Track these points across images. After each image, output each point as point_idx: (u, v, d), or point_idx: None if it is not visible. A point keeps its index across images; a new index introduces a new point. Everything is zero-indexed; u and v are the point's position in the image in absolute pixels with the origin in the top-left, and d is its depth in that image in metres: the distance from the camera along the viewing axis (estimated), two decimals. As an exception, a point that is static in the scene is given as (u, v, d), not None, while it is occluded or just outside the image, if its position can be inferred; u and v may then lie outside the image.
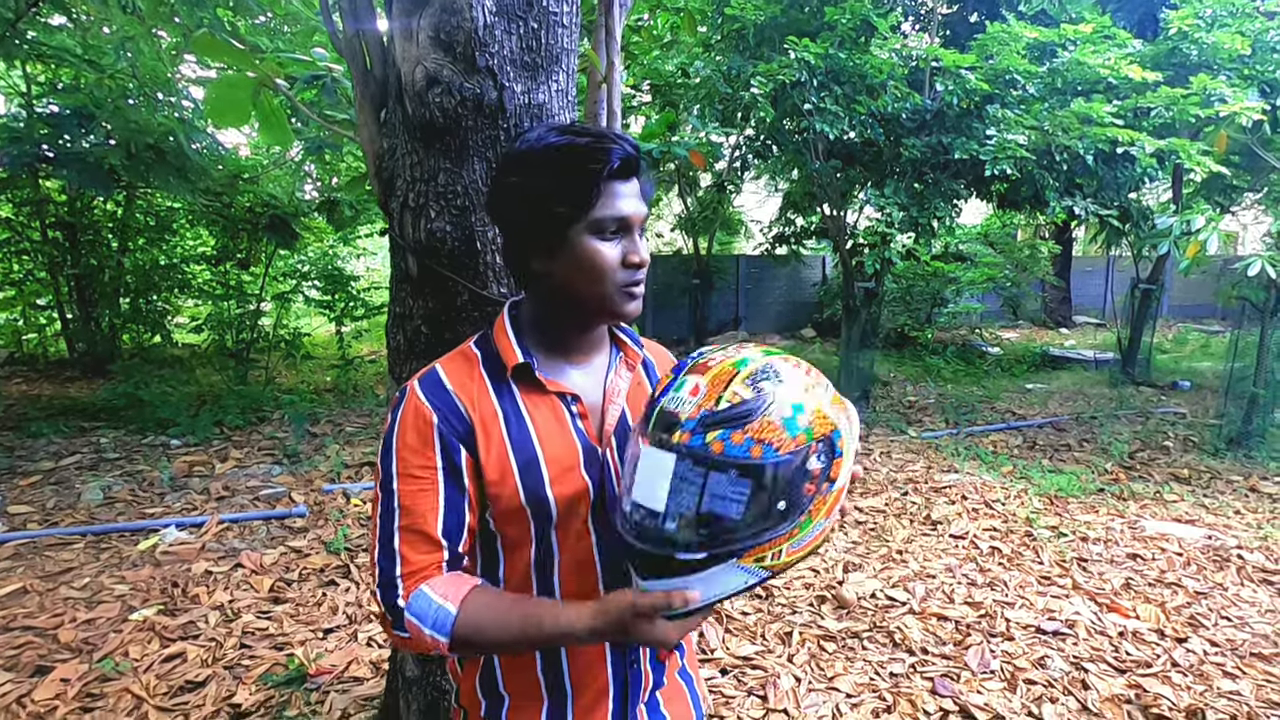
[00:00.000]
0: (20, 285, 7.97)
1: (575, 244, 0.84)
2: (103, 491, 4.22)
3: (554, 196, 0.82)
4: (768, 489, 0.70)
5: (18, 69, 6.72)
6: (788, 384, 0.72)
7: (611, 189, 0.83)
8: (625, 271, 0.85)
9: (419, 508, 0.82)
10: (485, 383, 0.88)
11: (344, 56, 1.20)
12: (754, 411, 0.70)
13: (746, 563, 0.72)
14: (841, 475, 0.75)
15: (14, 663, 2.49)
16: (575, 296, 0.87)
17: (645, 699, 0.94)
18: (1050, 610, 2.98)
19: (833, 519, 0.77)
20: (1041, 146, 4.82)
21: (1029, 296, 11.18)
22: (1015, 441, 5.82)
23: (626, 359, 0.97)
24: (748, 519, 0.70)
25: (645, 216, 0.87)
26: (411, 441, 0.83)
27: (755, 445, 0.69)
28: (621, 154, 0.82)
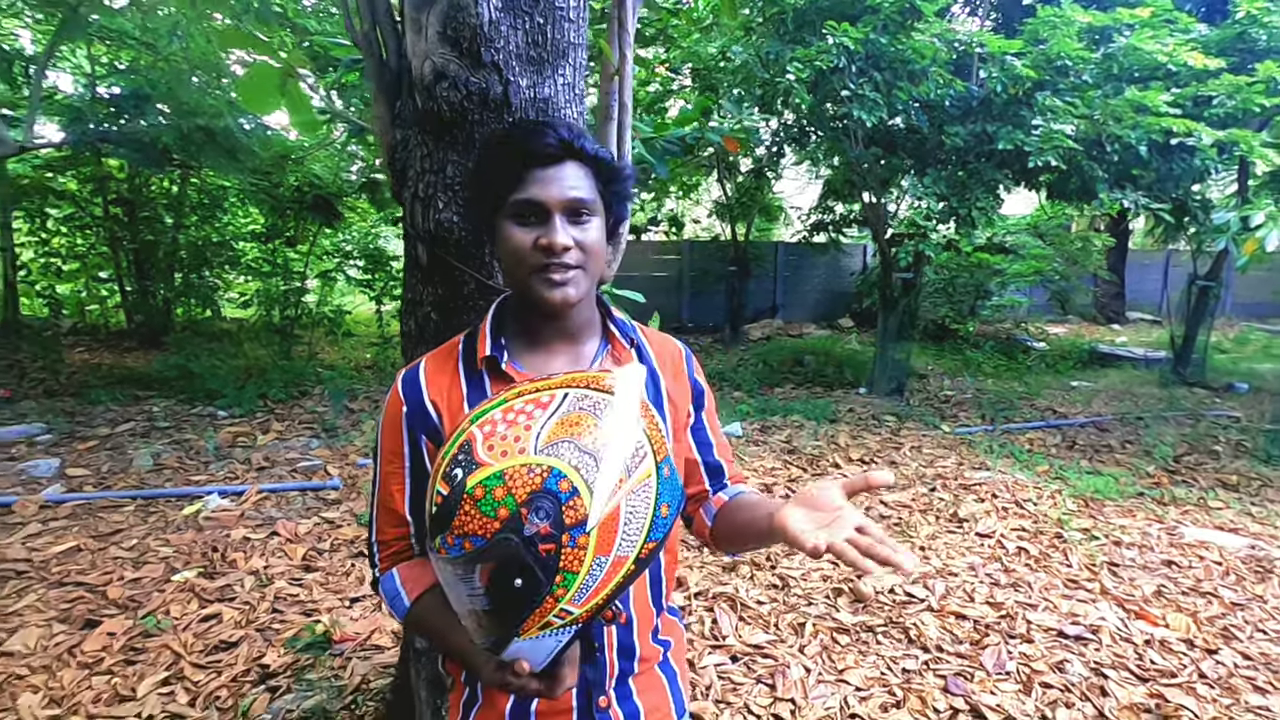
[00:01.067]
0: (84, 258, 8.37)
1: (499, 229, 0.87)
2: (153, 458, 4.44)
3: (482, 183, 0.86)
4: (495, 574, 0.67)
5: (83, 50, 7.01)
6: (480, 459, 0.69)
7: (531, 175, 0.84)
8: (539, 255, 0.85)
9: (390, 488, 0.93)
10: (459, 375, 0.92)
11: (360, 49, 1.24)
12: (451, 508, 0.68)
13: (535, 633, 0.70)
14: (591, 513, 0.68)
15: (67, 615, 2.67)
16: (511, 286, 0.90)
17: (612, 686, 0.95)
18: (1074, 614, 2.92)
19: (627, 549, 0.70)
20: (1091, 136, 4.62)
21: (1079, 290, 10.79)
22: (1053, 440, 5.66)
23: (613, 352, 0.97)
24: (497, 605, 0.68)
25: (570, 200, 0.85)
26: (388, 429, 0.92)
27: (464, 540, 0.67)
28: (540, 141, 0.83)
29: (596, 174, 0.88)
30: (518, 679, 0.72)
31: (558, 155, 0.84)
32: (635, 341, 1.00)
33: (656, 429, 0.76)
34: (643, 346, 1.01)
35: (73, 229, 8.16)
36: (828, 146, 6.28)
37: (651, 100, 7.21)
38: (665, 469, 0.75)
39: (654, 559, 0.74)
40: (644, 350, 1.01)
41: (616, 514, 0.69)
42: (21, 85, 6.28)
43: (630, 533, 0.70)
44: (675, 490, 0.76)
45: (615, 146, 1.41)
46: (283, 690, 2.24)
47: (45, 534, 3.36)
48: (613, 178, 0.90)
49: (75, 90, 7.71)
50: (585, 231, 0.87)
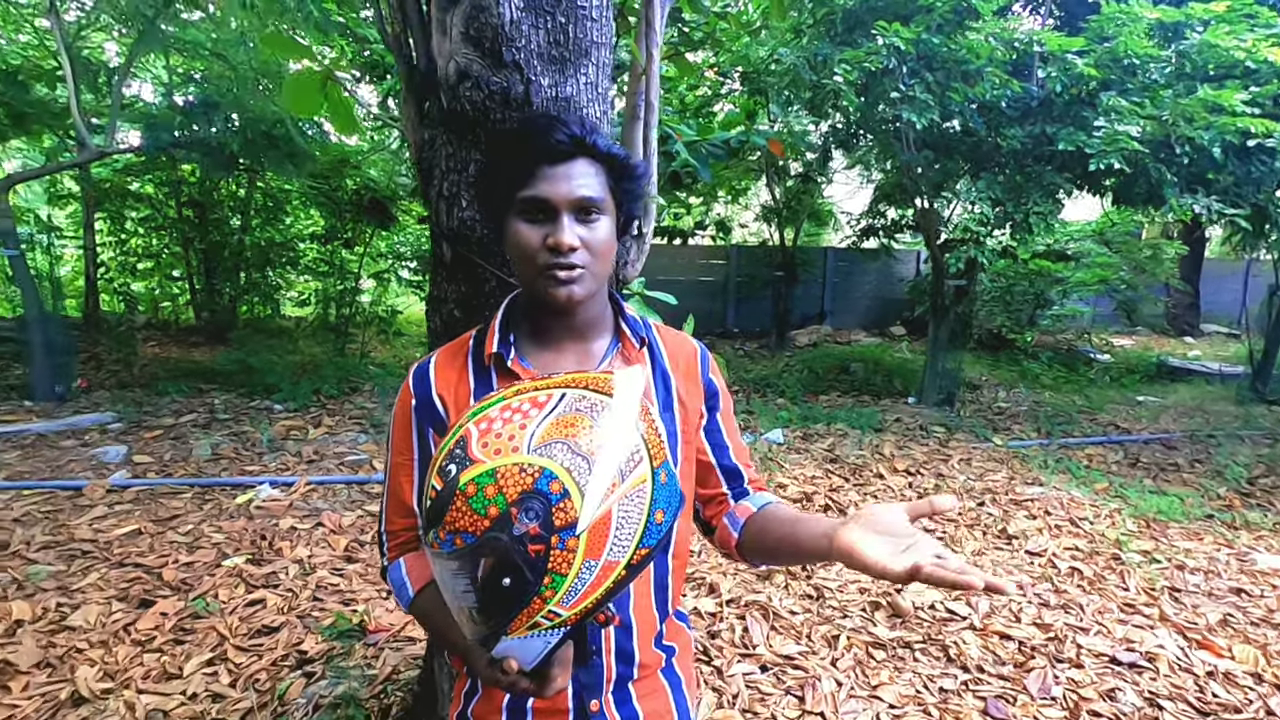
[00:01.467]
0: (158, 258, 8.85)
1: (508, 226, 0.86)
2: (211, 448, 4.65)
3: (493, 179, 0.86)
4: (485, 574, 0.67)
5: (162, 61, 7.42)
6: (474, 456, 0.69)
7: (540, 172, 0.83)
8: (546, 254, 0.84)
9: (399, 479, 0.95)
10: (467, 370, 0.93)
11: (391, 51, 1.27)
12: (443, 503, 0.68)
13: (523, 634, 0.70)
14: (582, 516, 0.67)
15: (125, 594, 2.81)
16: (520, 283, 0.90)
17: (610, 691, 0.94)
18: (1129, 640, 2.77)
19: (618, 554, 0.69)
20: (1158, 138, 4.39)
21: (1148, 301, 10.25)
22: (1115, 457, 5.39)
23: (623, 351, 0.96)
24: (487, 603, 0.68)
25: (579, 198, 0.84)
26: (399, 422, 0.94)
27: (456, 536, 0.67)
28: (550, 137, 0.82)
29: (609, 171, 0.87)
30: (507, 677, 0.72)
31: (568, 151, 0.84)
32: (647, 340, 0.98)
33: (655, 434, 0.75)
34: (655, 345, 0.99)
35: (149, 230, 8.64)
36: (879, 150, 6.14)
37: (700, 104, 7.20)
38: (662, 475, 0.73)
39: (646, 565, 0.73)
40: (656, 349, 0.99)
41: (608, 518, 0.68)
42: (105, 94, 6.69)
43: (622, 538, 0.70)
44: (673, 497, 0.75)
45: (641, 146, 1.40)
46: (317, 676, 2.31)
47: (110, 516, 3.55)
48: (625, 175, 0.89)
49: (155, 99, 8.18)
50: (593, 230, 0.86)
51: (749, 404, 6.72)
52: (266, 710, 2.16)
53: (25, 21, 6.99)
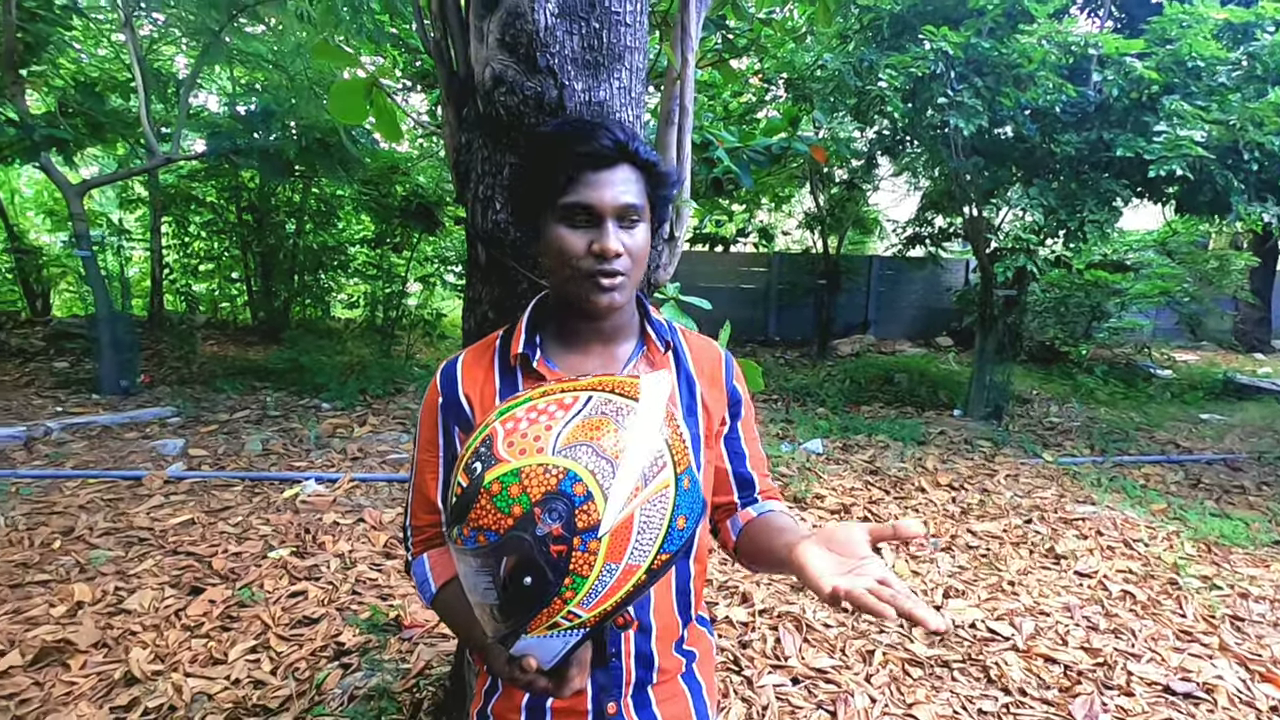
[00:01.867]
0: (218, 260, 9.24)
1: (548, 230, 0.86)
2: (262, 443, 4.82)
3: (532, 182, 0.86)
4: (507, 572, 0.68)
5: (226, 72, 7.77)
6: (499, 455, 0.69)
7: (583, 178, 0.83)
8: (590, 260, 0.85)
9: (424, 475, 0.96)
10: (493, 370, 0.94)
11: (433, 58, 1.31)
12: (468, 500, 0.69)
13: (543, 633, 0.70)
14: (604, 519, 0.67)
15: (177, 581, 2.93)
16: (555, 286, 0.90)
17: (629, 695, 0.94)
18: (1185, 670, 2.63)
19: (639, 558, 0.70)
20: (1225, 143, 4.18)
21: (1214, 314, 9.77)
22: (1174, 477, 5.15)
23: (648, 355, 0.96)
24: (505, 600, 0.69)
25: (623, 205, 0.84)
26: (426, 418, 0.96)
27: (479, 534, 0.68)
28: (595, 143, 0.82)
29: (646, 178, 0.88)
30: (525, 675, 0.73)
31: (613, 158, 0.84)
32: (672, 344, 0.99)
33: (680, 439, 0.75)
34: (680, 350, 0.99)
35: (210, 233, 9.04)
36: (926, 157, 6.02)
37: (744, 110, 7.18)
38: (685, 480, 0.74)
39: (667, 570, 0.73)
40: (681, 354, 0.99)
41: (630, 522, 0.69)
42: (174, 104, 7.03)
43: (643, 542, 0.70)
44: (695, 503, 0.75)
45: (674, 150, 1.41)
46: (354, 668, 2.36)
47: (166, 506, 3.71)
48: (661, 182, 0.89)
49: (219, 108, 8.56)
50: (633, 236, 0.86)
51: (788, 413, 6.64)
52: (304, 699, 2.22)
53: (103, 36, 7.40)
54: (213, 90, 8.95)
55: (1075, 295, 8.80)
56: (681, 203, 1.41)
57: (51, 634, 2.46)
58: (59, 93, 6.23)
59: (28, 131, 5.31)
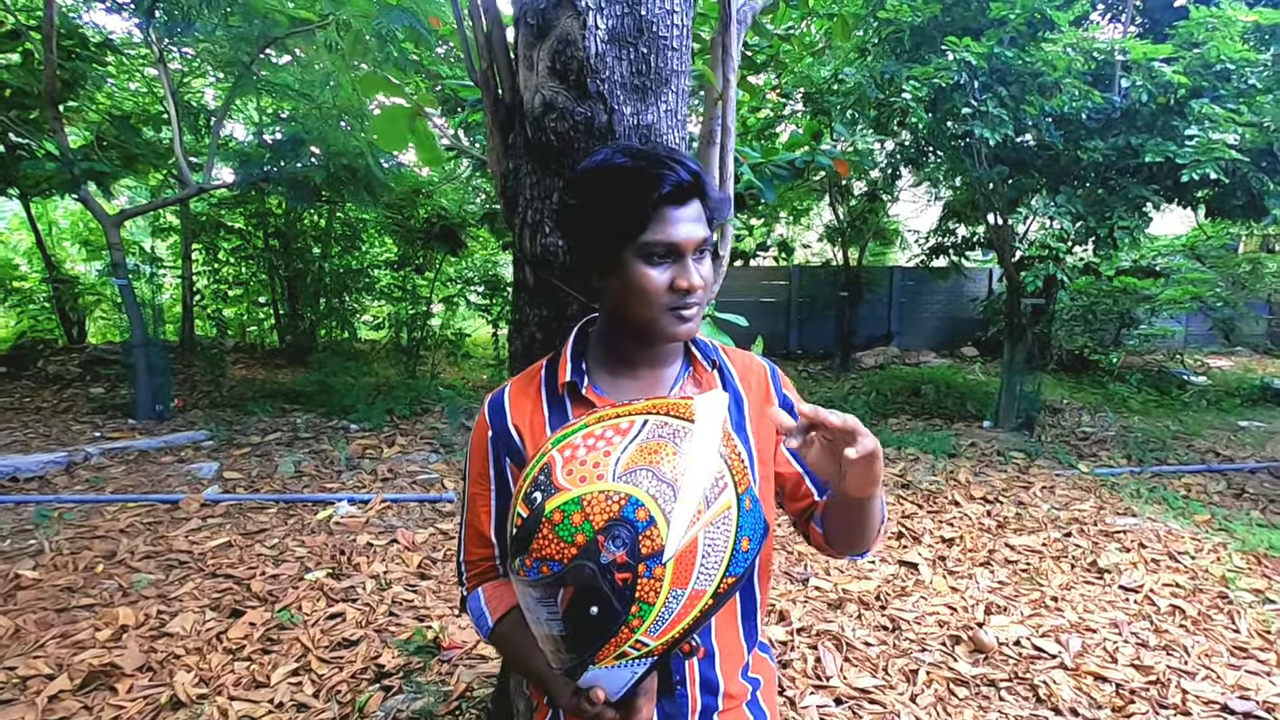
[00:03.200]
0: (246, 285, 9.42)
1: (625, 267, 0.85)
2: (294, 465, 4.88)
3: (605, 220, 0.84)
4: (570, 601, 0.67)
5: (253, 102, 7.97)
6: (559, 484, 0.69)
7: (662, 214, 0.82)
8: (672, 296, 0.85)
9: (477, 509, 0.96)
10: (541, 398, 0.94)
11: (479, 86, 1.33)
12: (529, 531, 0.68)
13: (611, 663, 0.69)
14: (668, 545, 0.66)
15: (217, 604, 2.96)
16: (627, 317, 0.89)
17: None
18: (1243, 688, 2.55)
19: (704, 582, 0.69)
20: (1259, 146, 4.12)
21: (1247, 319, 9.56)
22: (1216, 487, 5.01)
23: (694, 375, 0.96)
24: (573, 631, 0.68)
25: (702, 240, 0.85)
26: (475, 452, 0.96)
27: (542, 564, 0.67)
28: (675, 180, 0.81)
29: (706, 206, 0.88)
30: (593, 707, 0.72)
31: (690, 192, 0.84)
32: (717, 363, 0.99)
33: (739, 459, 0.74)
34: (725, 368, 0.99)
35: (238, 259, 9.22)
36: (948, 167, 5.99)
37: (763, 125, 7.20)
38: (746, 500, 0.73)
39: (732, 594, 0.72)
40: (726, 371, 0.99)
41: (694, 546, 0.68)
42: (205, 135, 7.22)
43: (708, 566, 0.69)
44: (758, 524, 0.74)
45: (718, 169, 1.42)
46: (395, 690, 2.36)
47: (204, 529, 3.76)
48: (717, 210, 0.89)
49: (246, 138, 8.78)
50: (704, 265, 0.87)
51: (814, 427, 6.57)
52: (347, 722, 2.22)
53: (136, 71, 7.64)
54: (239, 120, 9.18)
55: (1103, 302, 8.66)
56: (727, 221, 1.42)
57: (98, 658, 2.50)
58: (95, 127, 6.43)
59: (68, 165, 5.48)
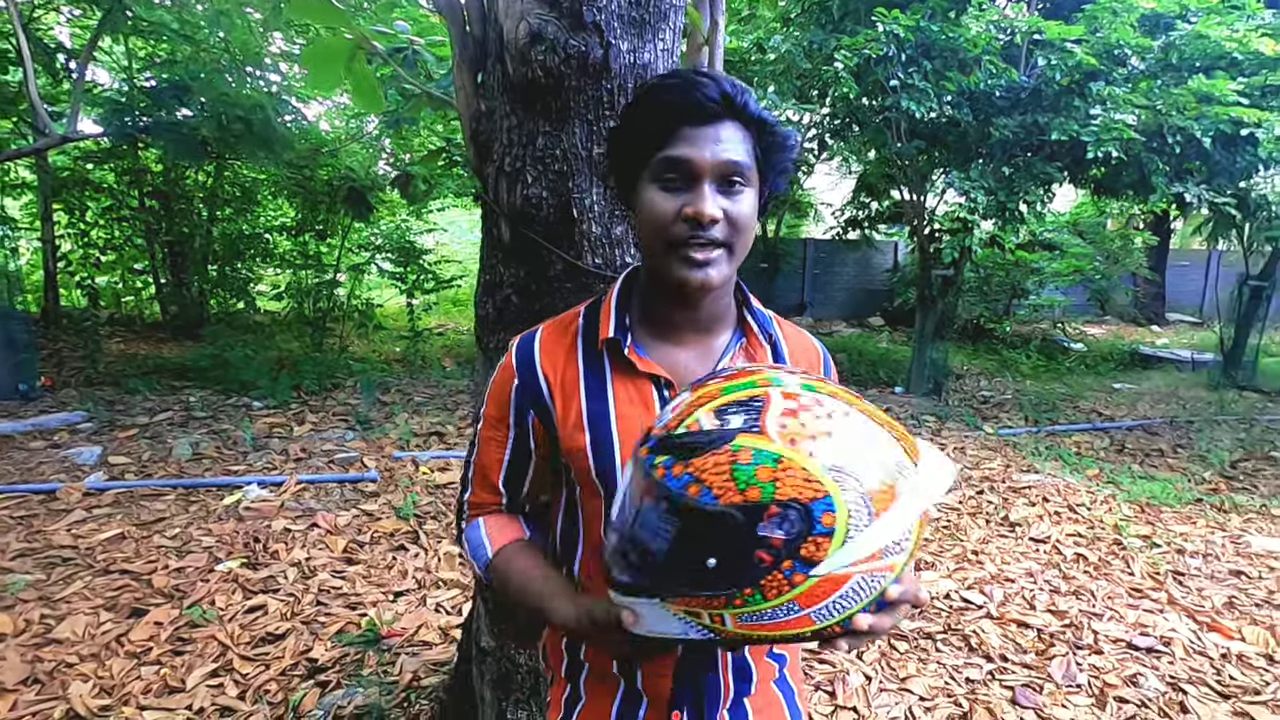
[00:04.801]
0: (120, 250, 8.47)
1: (640, 192, 0.76)
2: (191, 447, 4.45)
3: (627, 138, 0.76)
4: (696, 537, 0.60)
5: (120, 44, 7.07)
6: (764, 427, 0.60)
7: (682, 131, 0.73)
8: (683, 226, 0.73)
9: (488, 456, 0.90)
10: (577, 351, 0.84)
11: (442, 13, 1.17)
12: (703, 445, 0.60)
13: (676, 610, 0.63)
14: (825, 562, 0.59)
15: (114, 603, 2.65)
16: (647, 262, 0.81)
17: (727, 706, 0.88)
18: (1143, 625, 2.79)
19: (821, 616, 0.62)
20: (1152, 127, 4.45)
21: (1118, 290, 10.51)
22: (1101, 443, 5.49)
23: (747, 346, 0.87)
24: (671, 561, 0.61)
25: (724, 162, 0.73)
26: (496, 396, 0.88)
27: (693, 483, 0.59)
28: (703, 94, 0.72)
29: (758, 139, 0.77)
30: (609, 624, 0.66)
31: (717, 111, 0.73)
32: (772, 336, 0.90)
33: (921, 536, 0.68)
34: (779, 343, 0.90)
35: (110, 221, 8.25)
36: (868, 140, 6.13)
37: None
38: (902, 574, 0.66)
39: (829, 640, 0.65)
40: (779, 347, 0.90)
41: (843, 580, 0.61)
42: (63, 79, 6.34)
43: (838, 606, 0.62)
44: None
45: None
46: (332, 685, 2.19)
47: (90, 521, 3.36)
48: (775, 145, 0.78)
49: (113, 83, 7.80)
50: (737, 202, 0.75)
51: (739, 395, 6.68)
52: (280, 723, 2.04)
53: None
54: (103, 65, 8.15)
55: (999, 274, 9.26)
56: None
57: (-30, 673, 2.18)
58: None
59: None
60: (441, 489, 3.98)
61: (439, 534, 3.39)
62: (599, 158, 1.11)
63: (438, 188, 7.57)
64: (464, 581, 2.94)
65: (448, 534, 3.39)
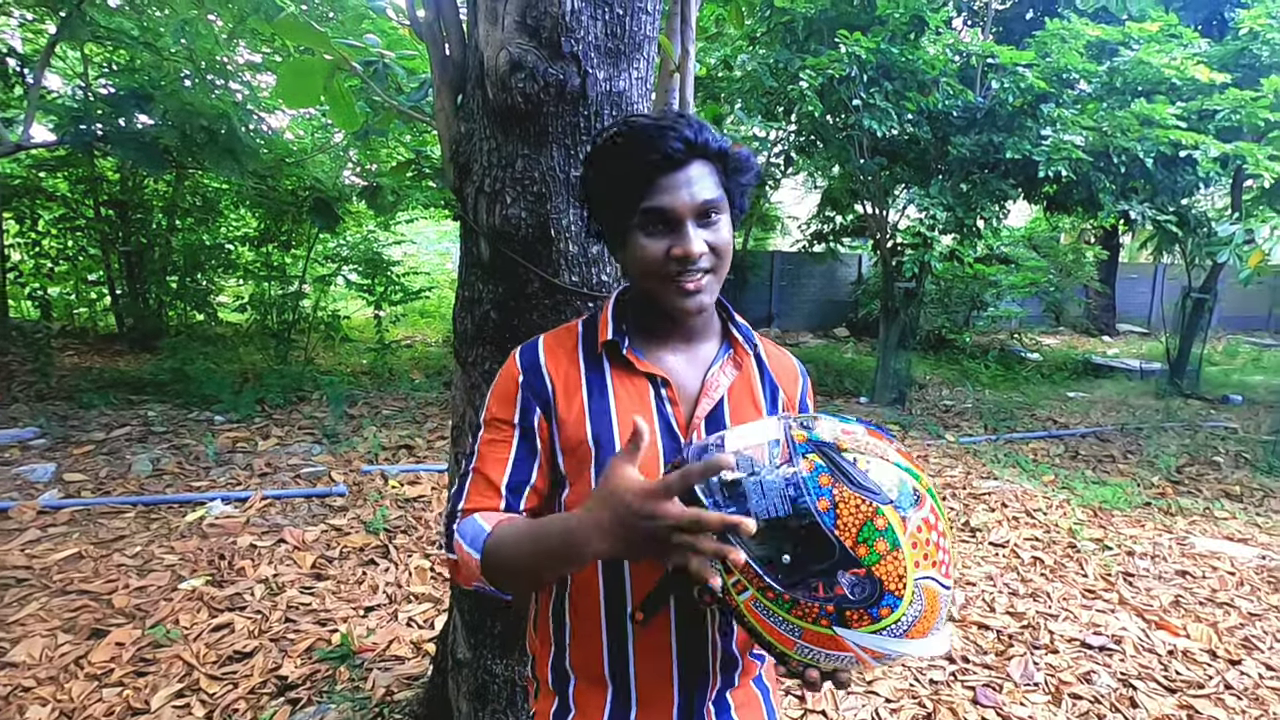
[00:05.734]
0: (74, 261, 8.22)
1: (629, 238, 0.84)
2: (151, 463, 4.34)
3: (606, 195, 0.85)
4: (794, 533, 0.66)
5: (75, 51, 6.91)
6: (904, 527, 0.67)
7: (658, 183, 0.81)
8: (672, 264, 0.82)
9: (491, 456, 0.88)
10: (578, 355, 0.91)
11: (423, 39, 1.21)
12: (858, 485, 0.67)
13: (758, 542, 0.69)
14: (849, 632, 0.67)
15: (71, 625, 2.58)
16: (641, 291, 0.89)
17: (713, 698, 0.93)
18: (1096, 625, 2.91)
19: (808, 653, 0.69)
20: (1099, 148, 4.67)
21: (1072, 302, 10.90)
22: (1056, 450, 5.69)
23: (734, 355, 0.95)
24: (759, 526, 0.66)
25: (700, 204, 0.81)
26: (499, 395, 0.90)
27: (827, 501, 0.66)
28: (668, 146, 0.79)
29: (722, 168, 0.85)
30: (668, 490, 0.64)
31: (685, 158, 0.81)
32: (756, 348, 0.98)
33: None
34: (761, 355, 0.99)
35: (63, 231, 8.01)
36: (832, 156, 6.30)
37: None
38: None
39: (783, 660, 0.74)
40: (762, 359, 0.99)
41: (843, 648, 0.69)
42: (15, 84, 6.16)
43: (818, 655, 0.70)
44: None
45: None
46: (303, 703, 2.17)
47: (44, 540, 3.26)
48: (738, 169, 0.86)
49: (65, 90, 7.60)
50: (716, 232, 0.84)
51: (709, 406, 6.75)
52: (250, 742, 2.02)
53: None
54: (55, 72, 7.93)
55: (958, 287, 9.54)
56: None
57: (-80, 700, 2.10)
58: None
59: None
60: (411, 502, 3.95)
61: (409, 548, 3.37)
62: (576, 180, 1.16)
63: (406, 199, 7.53)
64: (436, 595, 2.93)
65: (418, 548, 3.37)
